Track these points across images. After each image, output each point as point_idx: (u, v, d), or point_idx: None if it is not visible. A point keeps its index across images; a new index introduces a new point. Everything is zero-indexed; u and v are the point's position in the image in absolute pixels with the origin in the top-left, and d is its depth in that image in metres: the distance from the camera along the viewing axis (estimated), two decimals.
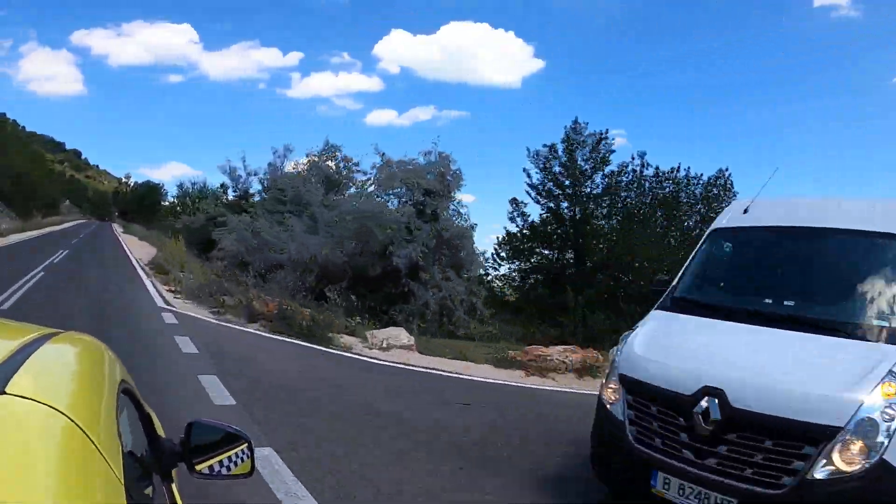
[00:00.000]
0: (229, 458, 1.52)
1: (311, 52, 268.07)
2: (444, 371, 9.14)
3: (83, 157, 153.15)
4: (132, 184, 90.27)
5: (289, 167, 25.52)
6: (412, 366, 9.28)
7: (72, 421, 0.77)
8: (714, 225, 4.72)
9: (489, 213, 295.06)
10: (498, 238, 30.21)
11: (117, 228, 70.69)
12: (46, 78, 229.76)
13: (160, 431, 1.73)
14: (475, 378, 8.81)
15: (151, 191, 79.96)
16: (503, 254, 30.04)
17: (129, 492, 0.82)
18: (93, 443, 0.77)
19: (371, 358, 9.62)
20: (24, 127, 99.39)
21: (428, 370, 9.12)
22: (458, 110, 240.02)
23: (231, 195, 31.21)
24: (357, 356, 9.69)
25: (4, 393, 0.77)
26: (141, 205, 79.14)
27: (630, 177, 29.08)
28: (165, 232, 53.04)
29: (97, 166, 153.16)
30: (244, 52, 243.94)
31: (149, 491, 1.17)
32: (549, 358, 9.33)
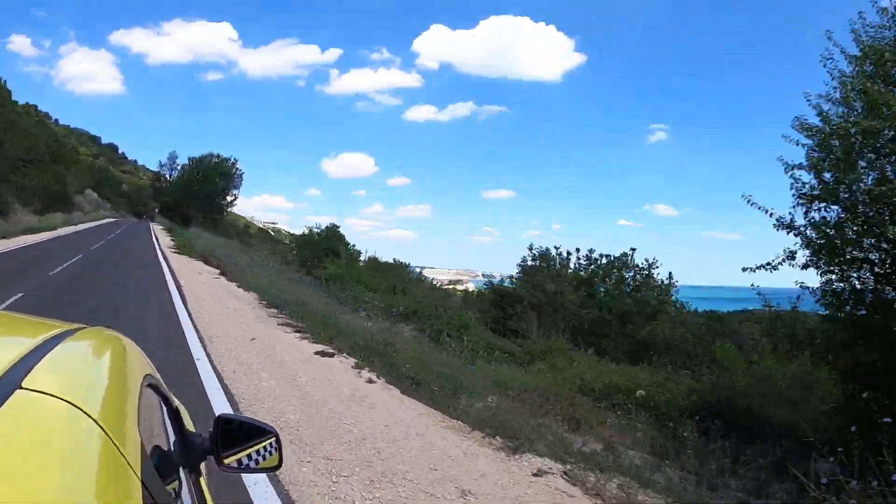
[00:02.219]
0: (257, 451, 1.48)
1: (349, 49, 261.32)
2: None
3: (120, 151, 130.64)
4: (180, 165, 56.43)
5: None
6: None
7: (88, 416, 0.73)
8: None
9: (528, 210, 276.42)
10: None
11: (159, 235, 36.96)
12: (85, 77, 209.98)
13: (189, 426, 1.69)
14: None
15: (215, 171, 45.98)
16: None
17: (149, 488, 0.78)
18: (110, 438, 0.73)
19: None
20: (56, 120, 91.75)
21: None
22: (497, 105, 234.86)
23: None
24: None
25: (21, 388, 0.72)
26: (195, 194, 45.12)
27: None
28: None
29: (135, 161, 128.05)
30: (283, 49, 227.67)
31: (175, 485, 1.11)
32: None
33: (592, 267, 18.73)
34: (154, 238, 34.18)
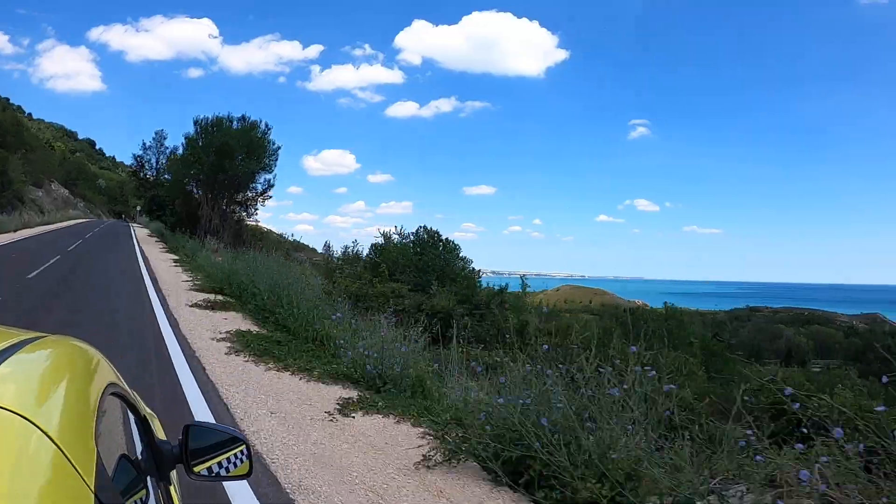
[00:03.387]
0: (228, 459, 1.43)
1: (331, 45, 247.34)
2: None
3: (98, 147, 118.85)
4: (171, 148, 38.16)
5: None
6: None
7: (38, 428, 0.71)
8: None
9: (509, 206, 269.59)
10: None
11: (151, 259, 17.85)
12: (65, 75, 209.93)
13: (160, 434, 1.63)
14: None
15: (237, 141, 27.25)
16: None
17: (102, 498, 0.74)
18: (61, 451, 0.71)
19: None
20: (30, 114, 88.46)
21: None
22: (480, 101, 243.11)
23: None
24: None
25: None
26: (211, 181, 26.47)
27: None
28: None
29: (113, 157, 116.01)
30: (265, 45, 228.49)
31: (141, 495, 1.08)
32: None
33: None
34: (144, 274, 15.80)
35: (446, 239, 27.28)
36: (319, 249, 24.07)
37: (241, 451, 1.43)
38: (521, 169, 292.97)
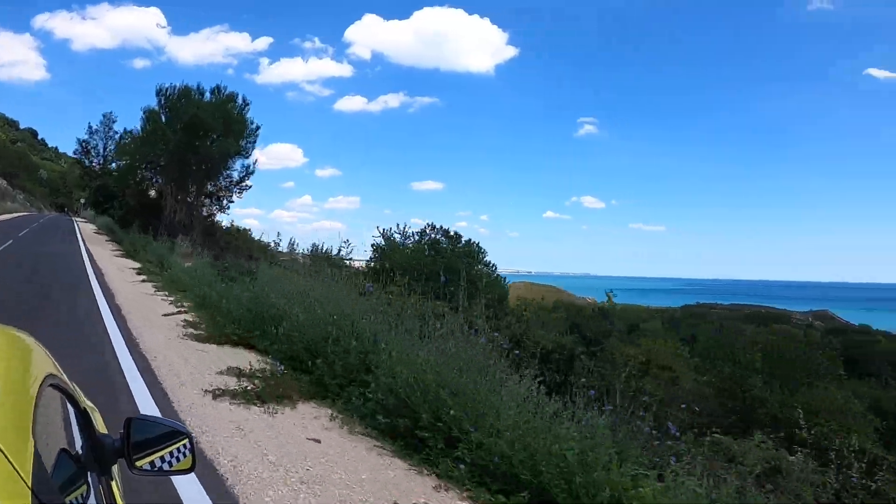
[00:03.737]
0: (170, 453, 1.35)
1: (281, 37, 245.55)
2: None
3: (40, 137, 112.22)
4: (122, 131, 31.86)
5: None
6: None
7: None
8: None
9: (456, 201, 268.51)
10: None
11: (117, 292, 12.27)
12: (10, 63, 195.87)
13: (101, 427, 1.54)
14: None
15: (212, 115, 21.46)
16: None
17: (40, 497, 0.71)
18: None
19: None
20: None
21: None
22: (429, 96, 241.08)
23: None
24: None
25: None
26: (181, 163, 20.82)
27: None
28: None
29: (56, 148, 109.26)
30: (213, 36, 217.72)
31: (82, 490, 1.03)
32: None
33: None
34: (101, 302, 10.38)
35: (468, 240, 22.59)
36: (274, 247, 19.18)
37: (185, 445, 1.35)
38: (469, 164, 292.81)
